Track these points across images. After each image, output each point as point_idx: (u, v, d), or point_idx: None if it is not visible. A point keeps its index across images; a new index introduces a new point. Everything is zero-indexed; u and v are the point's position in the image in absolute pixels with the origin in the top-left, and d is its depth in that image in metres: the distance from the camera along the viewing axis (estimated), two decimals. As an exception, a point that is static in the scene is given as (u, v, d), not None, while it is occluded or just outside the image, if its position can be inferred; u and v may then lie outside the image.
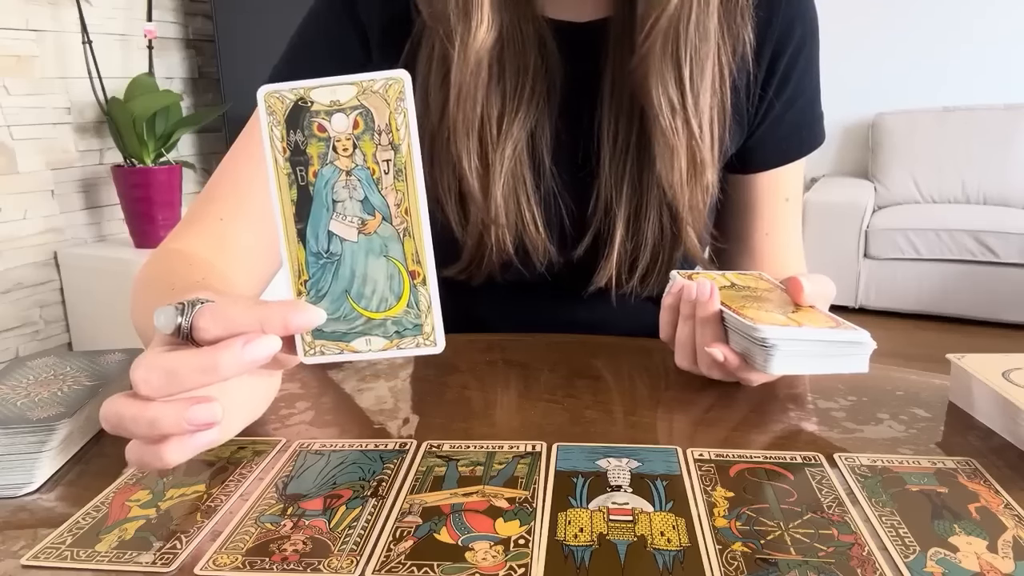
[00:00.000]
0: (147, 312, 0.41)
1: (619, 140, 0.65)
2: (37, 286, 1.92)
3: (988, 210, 3.16)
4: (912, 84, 3.54)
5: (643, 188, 0.65)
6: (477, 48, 0.60)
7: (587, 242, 0.67)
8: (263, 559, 0.35)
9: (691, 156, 0.62)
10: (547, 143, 0.65)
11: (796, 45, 0.67)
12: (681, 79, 0.60)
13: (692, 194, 0.64)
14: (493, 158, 0.63)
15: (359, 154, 0.38)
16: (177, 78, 2.21)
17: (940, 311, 3.06)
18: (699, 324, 0.53)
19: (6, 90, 1.80)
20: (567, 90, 0.66)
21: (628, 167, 0.65)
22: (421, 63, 0.65)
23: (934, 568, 0.34)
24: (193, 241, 0.61)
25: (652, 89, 0.60)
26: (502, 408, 0.52)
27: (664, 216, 0.65)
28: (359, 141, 0.38)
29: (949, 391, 0.53)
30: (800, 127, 0.71)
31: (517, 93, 0.63)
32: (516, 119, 0.63)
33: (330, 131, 0.38)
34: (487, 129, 0.63)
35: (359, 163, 0.38)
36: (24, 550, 0.36)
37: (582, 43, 0.65)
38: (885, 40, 3.56)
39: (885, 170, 3.47)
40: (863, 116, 3.61)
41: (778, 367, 0.48)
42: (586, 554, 0.34)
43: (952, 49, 3.46)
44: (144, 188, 1.89)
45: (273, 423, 0.50)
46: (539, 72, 0.64)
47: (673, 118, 0.61)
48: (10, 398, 0.47)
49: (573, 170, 0.67)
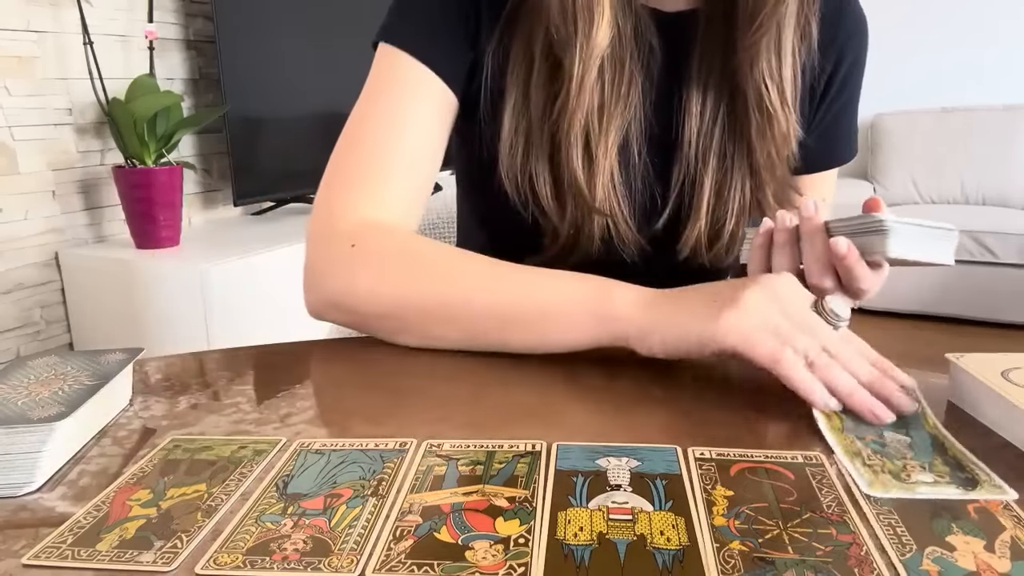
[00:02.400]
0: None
1: (706, 115, 0.68)
2: (38, 286, 1.93)
3: (987, 211, 3.16)
4: (911, 85, 3.54)
5: (729, 159, 0.68)
6: (597, 46, 0.62)
7: (668, 215, 0.69)
8: (263, 558, 0.35)
9: (786, 120, 0.66)
10: (640, 133, 0.68)
11: (855, 52, 0.71)
12: (780, 53, 0.64)
13: (782, 164, 0.68)
14: (597, 151, 0.64)
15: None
16: (178, 79, 2.21)
17: (939, 311, 3.07)
18: (806, 240, 0.55)
19: (7, 91, 1.81)
20: (660, 79, 0.68)
21: (715, 140, 0.68)
22: (518, 54, 0.66)
23: (930, 567, 0.34)
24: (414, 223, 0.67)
25: (755, 72, 0.64)
26: (502, 407, 0.52)
27: (747, 186, 0.68)
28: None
29: (948, 391, 0.53)
30: (848, 134, 0.76)
31: (615, 86, 0.65)
32: (617, 111, 0.65)
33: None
34: (591, 124, 0.64)
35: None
36: (25, 549, 0.36)
37: (675, 31, 0.68)
38: (884, 40, 3.56)
39: (884, 170, 3.48)
40: (862, 116, 3.59)
41: (895, 248, 0.53)
42: (586, 553, 0.34)
43: (951, 50, 3.46)
44: (145, 189, 1.89)
45: (273, 423, 0.50)
46: (637, 64, 0.66)
47: (771, 86, 0.65)
48: (11, 398, 0.47)
49: (662, 154, 0.69)
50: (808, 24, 0.67)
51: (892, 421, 0.48)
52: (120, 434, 0.49)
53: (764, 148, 0.66)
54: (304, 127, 2.30)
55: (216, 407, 0.53)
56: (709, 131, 0.68)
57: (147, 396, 0.55)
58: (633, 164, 0.68)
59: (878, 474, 0.42)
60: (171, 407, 0.53)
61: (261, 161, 2.25)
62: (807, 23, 0.67)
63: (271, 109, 2.24)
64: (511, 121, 0.66)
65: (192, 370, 0.60)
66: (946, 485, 0.41)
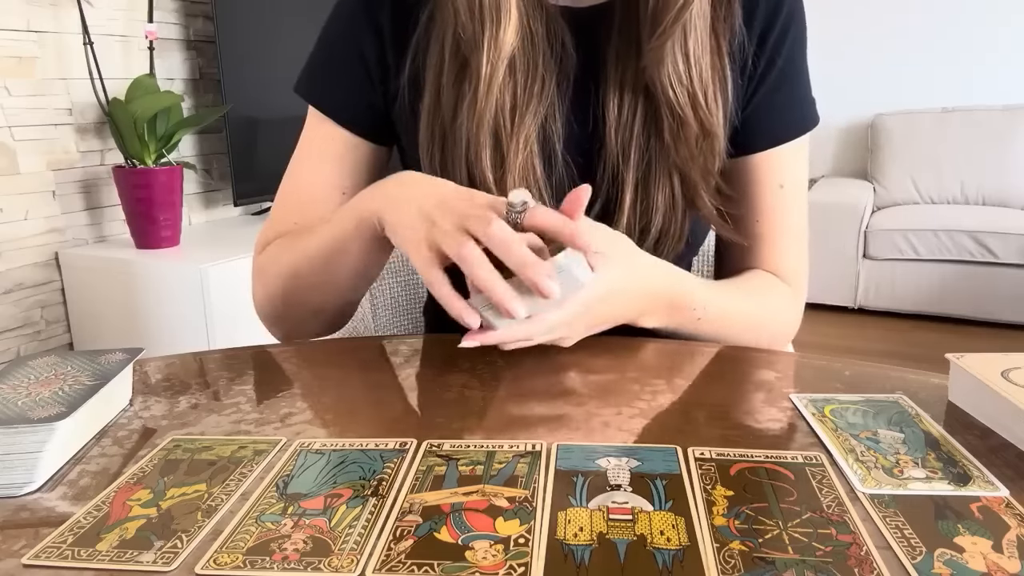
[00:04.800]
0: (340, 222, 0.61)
1: (624, 112, 0.66)
2: (38, 287, 1.93)
3: (987, 211, 3.16)
4: (911, 85, 3.54)
5: (651, 154, 0.66)
6: (504, 47, 0.61)
7: (596, 211, 0.68)
8: (264, 558, 0.35)
9: (700, 124, 0.65)
10: (558, 131, 0.67)
11: (784, 22, 0.69)
12: (687, 55, 0.63)
13: (706, 160, 0.66)
14: (508, 152, 0.64)
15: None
16: (178, 79, 2.21)
17: (939, 311, 3.07)
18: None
19: (7, 91, 1.81)
20: (575, 77, 0.67)
21: (634, 134, 0.66)
22: (432, 56, 0.66)
23: (942, 569, 0.33)
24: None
25: (662, 71, 0.63)
26: (502, 407, 0.52)
27: (674, 181, 0.67)
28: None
29: (948, 391, 0.53)
30: (790, 108, 0.72)
31: (528, 86, 0.65)
32: (528, 111, 0.65)
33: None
34: (500, 123, 0.64)
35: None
36: (25, 549, 0.36)
37: (585, 27, 0.67)
38: (884, 41, 3.56)
39: (884, 171, 3.48)
40: (862, 117, 3.62)
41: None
42: (586, 553, 0.34)
43: (951, 50, 3.46)
44: (145, 189, 1.89)
45: (273, 423, 0.50)
46: (550, 64, 0.65)
47: (680, 91, 0.63)
48: (11, 398, 0.47)
49: (584, 152, 0.68)
50: (731, 15, 0.66)
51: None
52: (120, 434, 0.49)
53: (681, 148, 0.65)
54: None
55: (216, 407, 0.53)
56: (628, 126, 0.66)
57: (147, 396, 0.55)
58: (555, 163, 0.67)
59: (871, 470, 0.42)
60: (171, 407, 0.53)
61: (261, 161, 2.25)
62: (728, 13, 0.66)
63: (271, 109, 2.24)
64: (427, 123, 0.67)
65: (192, 370, 0.60)
66: (939, 481, 0.41)
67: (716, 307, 0.66)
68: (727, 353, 0.62)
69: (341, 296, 0.70)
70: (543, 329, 0.54)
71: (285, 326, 0.75)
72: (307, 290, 0.69)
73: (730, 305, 0.68)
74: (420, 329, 0.94)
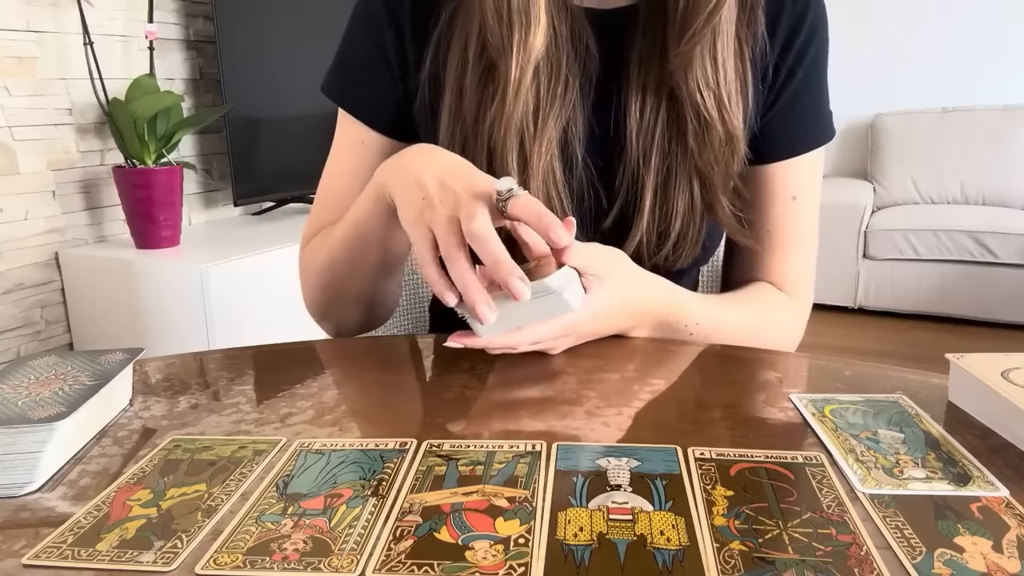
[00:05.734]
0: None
1: (646, 115, 0.66)
2: (38, 287, 1.93)
3: (987, 211, 3.16)
4: (911, 85, 3.54)
5: (672, 158, 0.66)
6: (534, 51, 0.62)
7: (615, 214, 0.68)
8: (264, 558, 0.35)
9: (725, 128, 0.65)
10: (580, 134, 0.67)
11: (807, 34, 0.68)
12: (715, 59, 0.63)
13: (727, 164, 0.66)
14: (531, 153, 0.64)
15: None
16: (178, 79, 2.21)
17: (939, 311, 3.07)
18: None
19: (7, 91, 1.81)
20: (599, 80, 0.67)
21: (656, 137, 0.66)
22: (454, 57, 0.66)
23: (942, 569, 0.33)
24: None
25: (690, 74, 0.63)
26: (503, 407, 0.52)
27: (694, 185, 0.67)
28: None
29: (948, 391, 0.53)
30: (808, 119, 0.72)
31: (551, 88, 0.65)
32: (551, 114, 0.65)
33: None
34: (525, 126, 0.64)
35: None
36: (25, 549, 0.36)
37: (609, 29, 0.67)
38: (884, 41, 3.56)
39: (884, 171, 3.48)
40: (862, 117, 3.61)
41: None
42: (586, 553, 0.34)
43: (951, 50, 3.46)
44: (145, 189, 1.89)
45: (273, 423, 0.50)
46: (574, 66, 0.65)
47: (707, 95, 0.63)
48: (11, 398, 0.47)
49: (604, 155, 0.68)
50: (754, 21, 0.66)
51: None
52: (120, 434, 0.49)
53: (705, 152, 0.65)
54: (304, 127, 2.30)
55: (216, 407, 0.53)
56: (650, 130, 0.66)
57: (147, 396, 0.55)
58: (575, 166, 0.67)
59: (871, 470, 0.42)
60: (171, 407, 0.53)
61: (261, 161, 2.25)
62: (751, 19, 0.65)
63: (271, 109, 2.24)
64: (448, 125, 0.67)
65: (192, 370, 0.60)
66: (939, 481, 0.41)
67: (711, 321, 0.66)
68: (727, 353, 0.63)
69: (374, 280, 0.70)
70: (528, 340, 0.55)
71: (333, 320, 0.76)
72: (344, 278, 0.70)
73: (727, 319, 0.68)
74: (422, 329, 0.94)
